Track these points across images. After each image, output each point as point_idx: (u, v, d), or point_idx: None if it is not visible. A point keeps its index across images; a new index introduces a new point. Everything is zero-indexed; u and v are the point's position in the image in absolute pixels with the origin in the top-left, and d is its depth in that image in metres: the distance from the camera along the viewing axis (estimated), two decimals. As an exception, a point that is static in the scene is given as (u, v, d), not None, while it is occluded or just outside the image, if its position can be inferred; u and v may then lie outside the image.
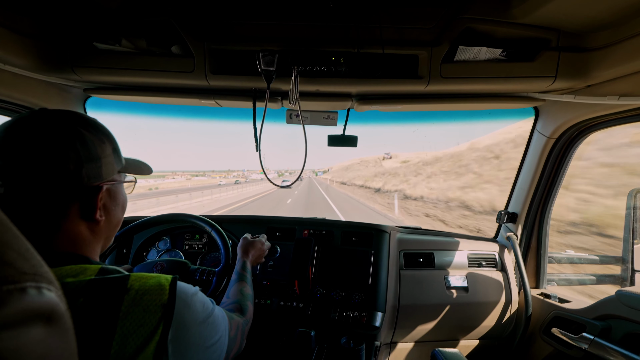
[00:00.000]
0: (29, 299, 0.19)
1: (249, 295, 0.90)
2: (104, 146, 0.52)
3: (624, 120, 1.01)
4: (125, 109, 1.31)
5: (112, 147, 0.54)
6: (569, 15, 0.78)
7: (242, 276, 0.95)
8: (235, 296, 0.87)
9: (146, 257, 1.39)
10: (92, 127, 0.51)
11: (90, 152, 0.49)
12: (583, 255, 1.51)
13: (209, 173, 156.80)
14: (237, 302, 0.83)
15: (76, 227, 0.49)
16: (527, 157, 1.34)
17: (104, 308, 0.40)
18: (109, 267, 0.47)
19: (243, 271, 0.97)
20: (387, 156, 57.42)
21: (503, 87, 0.96)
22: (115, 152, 0.55)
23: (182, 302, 0.47)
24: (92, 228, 0.52)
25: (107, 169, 0.52)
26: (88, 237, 0.51)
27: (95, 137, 0.50)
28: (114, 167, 0.54)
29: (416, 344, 1.40)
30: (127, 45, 0.90)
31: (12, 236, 0.20)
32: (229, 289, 0.90)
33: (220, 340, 0.55)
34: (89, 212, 0.50)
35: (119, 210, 0.59)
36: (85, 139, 0.48)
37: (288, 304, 1.24)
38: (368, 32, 0.87)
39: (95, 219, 0.51)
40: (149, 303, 0.43)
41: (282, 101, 1.12)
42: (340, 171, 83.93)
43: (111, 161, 0.53)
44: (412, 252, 1.39)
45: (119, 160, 0.56)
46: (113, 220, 0.57)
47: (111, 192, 0.56)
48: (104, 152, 0.51)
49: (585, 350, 1.04)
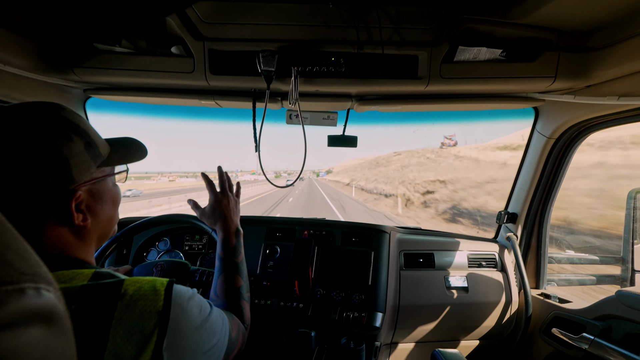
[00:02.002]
0: (27, 300, 0.19)
1: (243, 290, 0.75)
2: (72, 145, 0.46)
3: (624, 121, 1.01)
4: (125, 109, 1.31)
5: (84, 142, 0.48)
6: (569, 15, 0.78)
7: (227, 264, 0.75)
8: (224, 294, 0.72)
9: (146, 257, 1.38)
10: (56, 125, 0.45)
11: (55, 156, 0.43)
12: (583, 255, 1.51)
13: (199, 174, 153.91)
14: (229, 304, 0.72)
15: (58, 234, 0.46)
16: (527, 157, 1.34)
17: (97, 315, 0.39)
18: (103, 271, 0.45)
19: (228, 256, 0.76)
20: (450, 141, 38.81)
21: (503, 87, 0.96)
22: (89, 147, 0.49)
23: (178, 307, 0.45)
24: (79, 232, 0.49)
25: (80, 169, 0.47)
26: (75, 241, 0.48)
27: (59, 137, 0.44)
28: (90, 164, 0.49)
29: (416, 344, 1.40)
30: (127, 46, 0.90)
31: (10, 236, 0.20)
32: (214, 282, 0.76)
33: (218, 344, 0.53)
34: (66, 219, 0.46)
35: (108, 206, 0.54)
36: (45, 143, 0.43)
37: (288, 304, 1.23)
38: (368, 32, 0.87)
39: (76, 225, 0.47)
40: (144, 309, 0.41)
41: (282, 101, 1.12)
42: (363, 171, 55.06)
43: (84, 159, 0.48)
44: (412, 252, 1.39)
45: (96, 155, 0.50)
46: (102, 220, 0.53)
47: (93, 191, 0.51)
48: (71, 152, 0.46)
49: (585, 351, 1.04)
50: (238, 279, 0.76)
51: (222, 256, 0.78)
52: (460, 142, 42.44)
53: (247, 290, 0.78)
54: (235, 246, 0.80)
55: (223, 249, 0.79)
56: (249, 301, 0.78)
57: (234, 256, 0.78)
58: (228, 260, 0.77)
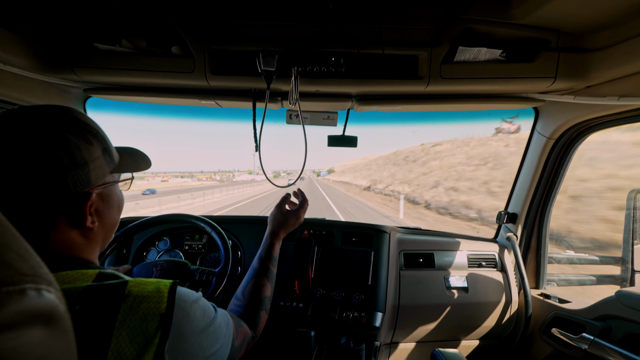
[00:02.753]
0: (28, 301, 0.19)
1: (267, 301, 0.76)
2: (92, 149, 0.48)
3: (623, 121, 1.01)
4: (125, 109, 1.31)
5: (102, 148, 0.50)
6: (569, 16, 0.78)
7: (265, 268, 0.79)
8: (250, 298, 0.74)
9: (146, 257, 1.39)
10: (78, 128, 0.46)
11: (76, 158, 0.45)
12: (583, 255, 1.51)
13: (196, 174, 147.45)
14: (250, 310, 0.73)
15: (67, 236, 0.47)
16: (527, 157, 1.34)
17: (100, 316, 0.39)
18: (108, 272, 0.45)
19: (268, 261, 0.80)
20: (511, 126, 22.85)
21: (503, 87, 0.96)
22: (106, 153, 0.51)
23: (181, 310, 0.45)
24: (85, 234, 0.50)
25: (97, 173, 0.48)
26: (82, 243, 0.49)
27: (82, 140, 0.46)
28: (105, 170, 0.51)
29: (416, 344, 1.40)
30: (127, 46, 0.90)
31: (11, 237, 0.20)
32: (245, 280, 0.78)
33: (220, 350, 0.53)
34: (79, 221, 0.47)
35: (114, 212, 0.56)
36: (69, 143, 0.44)
37: (288, 304, 1.24)
38: (368, 32, 0.87)
39: (86, 227, 0.48)
40: (147, 311, 0.41)
41: (282, 102, 1.12)
42: (386, 168, 45.69)
43: (101, 164, 0.49)
44: (412, 252, 1.39)
45: (111, 161, 0.52)
46: (108, 224, 0.55)
47: (103, 195, 0.52)
48: (91, 155, 0.47)
49: (585, 351, 1.04)
50: (267, 287, 0.79)
51: (263, 257, 0.82)
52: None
53: (270, 302, 0.80)
54: (276, 256, 0.86)
55: (266, 252, 0.83)
56: (268, 314, 0.79)
57: (272, 264, 0.83)
58: (265, 265, 0.80)
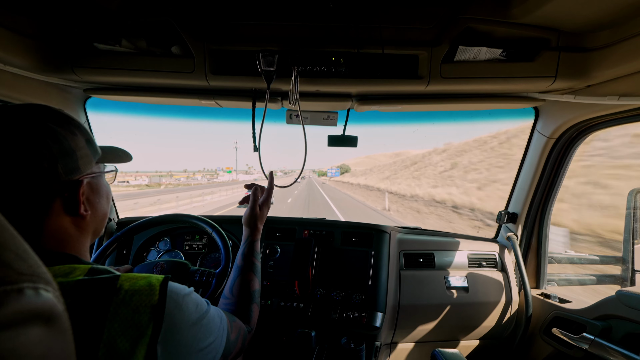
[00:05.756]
0: (26, 300, 0.19)
1: (256, 294, 0.79)
2: (77, 139, 0.50)
3: (624, 120, 1.01)
4: (125, 109, 1.31)
5: (85, 139, 0.52)
6: (569, 15, 0.77)
7: (250, 264, 0.81)
8: (239, 294, 0.76)
9: (146, 257, 1.38)
10: (62, 121, 0.49)
11: (64, 146, 0.47)
12: (583, 255, 1.51)
13: (177, 173, 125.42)
14: (241, 305, 0.75)
15: (61, 224, 0.48)
16: (527, 157, 1.34)
17: (92, 309, 0.39)
18: (99, 267, 0.46)
19: (252, 256, 0.83)
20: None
21: (503, 87, 0.96)
22: (89, 143, 0.54)
23: (173, 302, 0.45)
24: (78, 223, 0.51)
25: (84, 162, 0.51)
26: (74, 233, 0.51)
27: (67, 131, 0.49)
28: (91, 159, 0.53)
29: (416, 344, 1.40)
30: (127, 46, 0.90)
31: (9, 236, 0.20)
32: (232, 279, 0.80)
33: (214, 343, 0.53)
34: (73, 208, 0.49)
35: (103, 202, 0.58)
36: (56, 133, 0.47)
37: (288, 304, 1.24)
38: (368, 32, 0.87)
39: (80, 214, 0.50)
40: (139, 304, 0.42)
41: (282, 101, 1.12)
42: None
43: (87, 153, 0.52)
44: (412, 252, 1.39)
45: (94, 151, 0.55)
46: (99, 213, 0.56)
47: (92, 185, 0.54)
48: (77, 144, 0.50)
49: (585, 351, 1.04)
50: (255, 281, 0.80)
51: (246, 254, 0.83)
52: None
53: (259, 295, 0.82)
54: (259, 251, 0.88)
55: (249, 249, 0.85)
56: (260, 307, 0.81)
57: (256, 258, 0.85)
58: (249, 261, 0.82)
